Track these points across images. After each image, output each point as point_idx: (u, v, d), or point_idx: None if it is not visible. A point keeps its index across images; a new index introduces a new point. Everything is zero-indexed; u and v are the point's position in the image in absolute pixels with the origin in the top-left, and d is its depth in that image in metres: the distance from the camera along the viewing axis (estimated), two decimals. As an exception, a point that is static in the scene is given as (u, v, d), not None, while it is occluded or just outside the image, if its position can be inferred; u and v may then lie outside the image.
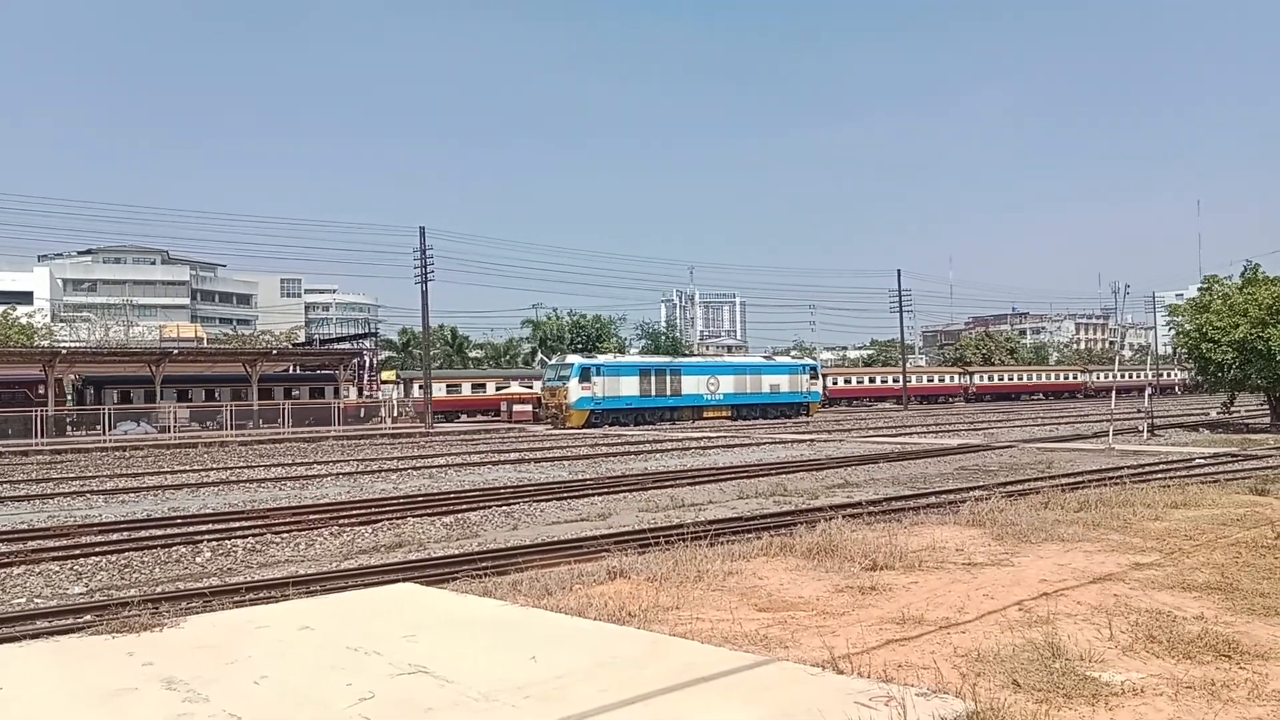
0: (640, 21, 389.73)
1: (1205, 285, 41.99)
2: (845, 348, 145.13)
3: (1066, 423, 49.37)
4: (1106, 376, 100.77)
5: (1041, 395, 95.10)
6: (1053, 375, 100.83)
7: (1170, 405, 69.04)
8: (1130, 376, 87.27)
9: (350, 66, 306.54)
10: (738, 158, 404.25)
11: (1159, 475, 20.78)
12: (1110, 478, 18.85)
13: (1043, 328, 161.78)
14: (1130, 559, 9.18)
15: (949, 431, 43.30)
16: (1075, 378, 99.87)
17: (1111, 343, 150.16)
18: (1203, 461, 24.91)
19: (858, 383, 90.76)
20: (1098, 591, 7.78)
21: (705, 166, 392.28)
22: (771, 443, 37.58)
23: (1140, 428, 37.20)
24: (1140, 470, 22.17)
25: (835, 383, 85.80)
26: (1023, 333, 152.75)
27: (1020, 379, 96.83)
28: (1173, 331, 44.77)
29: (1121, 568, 8.75)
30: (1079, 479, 20.00)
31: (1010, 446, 32.39)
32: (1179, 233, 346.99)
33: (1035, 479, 20.90)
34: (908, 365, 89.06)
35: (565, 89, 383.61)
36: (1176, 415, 51.93)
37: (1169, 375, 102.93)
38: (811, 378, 66.16)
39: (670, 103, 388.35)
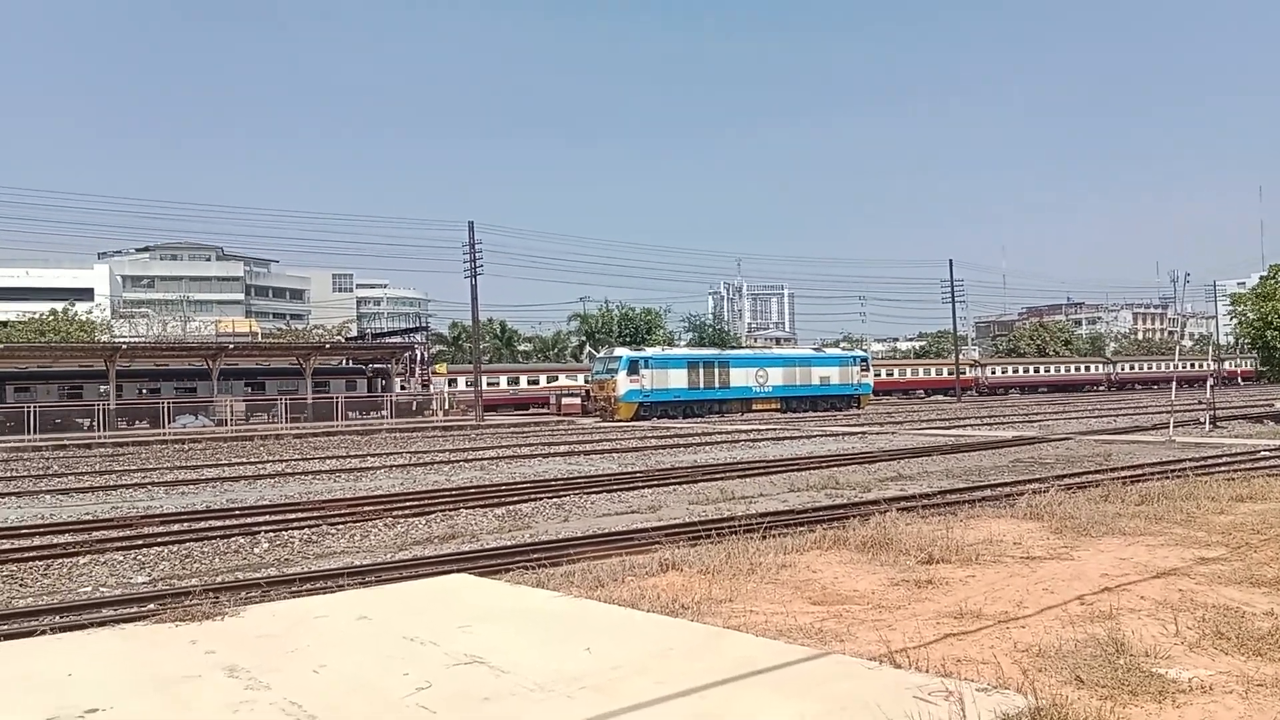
0: (679, 25, 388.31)
1: (1270, 273, 40.86)
2: (896, 339, 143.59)
3: (1124, 415, 48.40)
4: (994, 371, 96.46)
5: (922, 392, 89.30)
6: (940, 370, 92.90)
7: (1233, 396, 67.38)
8: (1191, 366, 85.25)
9: (402, 65, 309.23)
10: (787, 150, 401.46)
11: (1223, 467, 20.26)
12: (1172, 470, 18.45)
13: (1099, 318, 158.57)
14: (1195, 553, 8.96)
15: (1003, 424, 42.68)
16: (947, 374, 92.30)
17: (1171, 332, 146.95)
18: (1269, 454, 24.23)
19: (909, 375, 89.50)
20: (1162, 586, 7.60)
21: (753, 160, 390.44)
22: (822, 435, 37.31)
23: (1201, 419, 36.33)
24: (1203, 462, 21.62)
25: (884, 374, 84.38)
26: (1078, 323, 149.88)
27: (910, 374, 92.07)
28: (1235, 321, 43.58)
29: (1186, 562, 8.55)
30: (1139, 472, 19.58)
31: (1066, 439, 31.80)
32: (1240, 220, 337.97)
33: (1094, 471, 20.49)
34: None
35: (610, 89, 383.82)
36: (1239, 406, 50.64)
37: (1231, 365, 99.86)
38: (862, 370, 65.56)
39: (716, 99, 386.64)
